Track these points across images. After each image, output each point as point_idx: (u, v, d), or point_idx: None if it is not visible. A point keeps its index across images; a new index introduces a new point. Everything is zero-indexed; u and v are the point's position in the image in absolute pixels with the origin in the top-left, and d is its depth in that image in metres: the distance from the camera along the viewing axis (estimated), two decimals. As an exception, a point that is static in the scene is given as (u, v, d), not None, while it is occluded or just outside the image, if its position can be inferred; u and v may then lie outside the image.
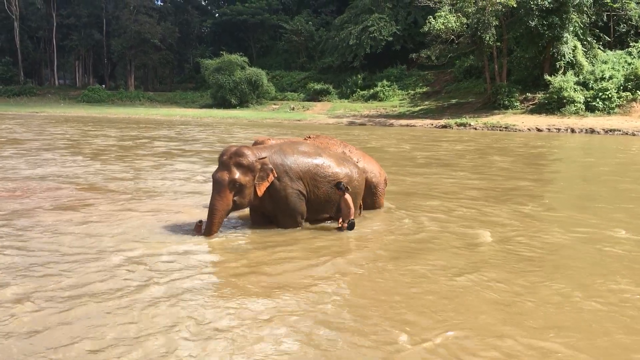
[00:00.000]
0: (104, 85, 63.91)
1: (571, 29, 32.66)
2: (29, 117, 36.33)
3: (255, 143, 7.54)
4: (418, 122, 33.70)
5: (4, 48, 65.67)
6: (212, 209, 6.05)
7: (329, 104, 45.20)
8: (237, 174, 6.06)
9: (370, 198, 7.49)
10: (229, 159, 6.13)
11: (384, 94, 44.19)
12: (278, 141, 7.24)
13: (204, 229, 6.09)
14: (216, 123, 33.88)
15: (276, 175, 6.25)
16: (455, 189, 9.74)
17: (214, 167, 11.50)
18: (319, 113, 41.22)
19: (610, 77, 31.87)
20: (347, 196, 6.43)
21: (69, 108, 46.83)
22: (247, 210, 6.86)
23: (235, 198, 6.09)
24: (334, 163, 6.72)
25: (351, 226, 6.40)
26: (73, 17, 62.49)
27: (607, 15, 35.50)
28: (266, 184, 6.19)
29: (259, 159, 6.18)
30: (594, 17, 34.53)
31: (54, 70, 65.72)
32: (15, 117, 36.57)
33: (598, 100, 30.88)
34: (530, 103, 33.71)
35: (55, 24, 62.04)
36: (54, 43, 62.56)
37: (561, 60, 32.91)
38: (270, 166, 6.19)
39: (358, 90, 46.39)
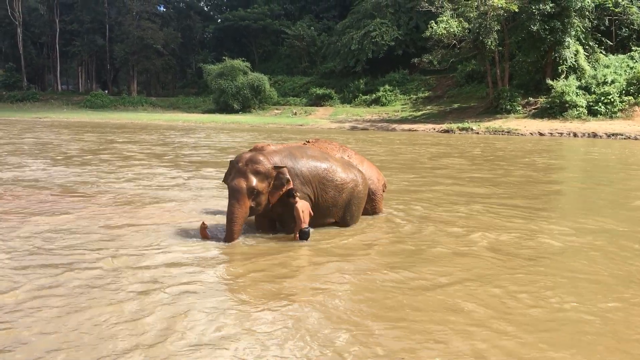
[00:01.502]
0: (106, 91, 64.07)
1: (573, 33, 32.72)
2: (15, 123, 36.26)
3: (255, 147, 7.55)
4: (420, 126, 33.74)
5: (7, 54, 65.95)
6: (231, 217, 5.99)
7: (331, 108, 45.28)
8: (255, 181, 6.01)
9: (369, 204, 7.43)
10: (245, 166, 6.07)
11: (386, 98, 44.26)
12: (278, 146, 7.28)
13: (225, 236, 6.04)
14: (218, 128, 33.94)
15: (291, 186, 6.23)
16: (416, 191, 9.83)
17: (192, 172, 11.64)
18: (321, 118, 41.28)
19: (613, 82, 31.91)
20: (299, 205, 6.19)
21: (72, 114, 46.95)
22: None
23: (252, 204, 6.06)
24: (341, 168, 6.75)
25: (304, 235, 6.14)
26: (76, 23, 62.71)
27: (609, 19, 35.55)
28: (280, 193, 6.16)
29: (275, 166, 6.17)
30: (595, 21, 34.59)
31: (57, 75, 65.87)
32: (5, 123, 36.61)
33: (600, 104, 30.92)
34: (533, 107, 33.75)
35: (58, 30, 62.25)
36: (57, 49, 62.74)
37: (563, 64, 32.96)
38: (287, 176, 6.16)
39: (360, 95, 46.47)
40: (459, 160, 15.78)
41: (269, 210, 6.34)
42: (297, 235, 6.18)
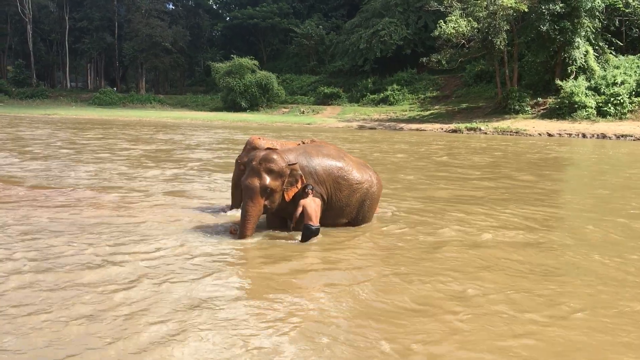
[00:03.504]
0: (115, 88, 64.32)
1: (583, 33, 32.51)
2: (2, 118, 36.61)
3: (248, 143, 7.49)
4: (428, 126, 33.67)
5: (17, 51, 66.32)
6: (245, 214, 6.08)
7: (339, 107, 45.25)
8: (268, 180, 6.07)
9: None
10: (258, 165, 6.12)
11: (394, 98, 44.19)
12: (271, 141, 7.29)
13: (238, 232, 6.15)
14: (225, 126, 34.00)
15: (305, 181, 6.28)
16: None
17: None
18: (329, 117, 41.24)
19: (622, 82, 31.70)
20: (303, 200, 6.16)
21: (80, 110, 47.16)
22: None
23: (265, 202, 6.12)
24: (356, 168, 6.74)
25: (308, 231, 6.08)
26: (85, 20, 62.98)
27: (619, 20, 35.34)
28: (295, 190, 6.23)
29: (289, 164, 6.20)
30: (605, 21, 34.38)
31: (66, 72, 66.22)
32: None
33: (610, 105, 30.74)
34: (541, 108, 33.60)
35: (67, 27, 62.56)
36: (67, 46, 63.06)
37: (573, 65, 32.78)
38: (300, 172, 6.21)
39: (368, 94, 46.41)
40: (403, 156, 16.29)
41: (282, 209, 6.38)
42: (302, 232, 6.18)
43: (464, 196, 9.48)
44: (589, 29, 32.85)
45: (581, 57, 32.64)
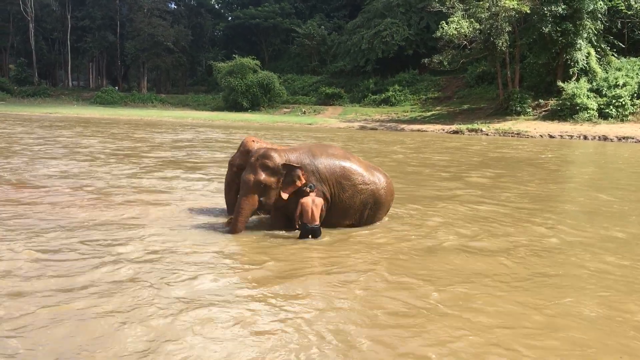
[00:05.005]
0: (117, 87, 64.31)
1: (585, 35, 32.45)
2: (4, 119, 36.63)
3: (242, 145, 7.46)
4: (429, 127, 33.65)
5: (19, 49, 66.29)
6: (238, 209, 6.17)
7: (341, 108, 45.24)
8: (263, 176, 6.14)
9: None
10: (256, 161, 6.21)
11: (395, 98, 44.18)
12: (265, 143, 7.30)
13: (230, 228, 6.21)
14: (227, 126, 34.00)
15: (304, 182, 6.25)
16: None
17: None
18: (330, 117, 41.23)
19: (624, 85, 31.66)
20: (304, 199, 6.10)
21: (82, 109, 47.13)
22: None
23: (261, 199, 6.17)
24: (362, 168, 6.70)
25: (304, 230, 6.08)
26: (87, 19, 63.03)
27: (621, 22, 35.27)
28: (291, 189, 6.20)
29: (286, 163, 6.23)
30: (608, 23, 34.29)
31: (68, 71, 66.21)
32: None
33: (611, 107, 30.70)
34: (543, 109, 33.56)
35: (69, 26, 62.58)
36: (69, 45, 63.07)
37: (574, 66, 32.73)
38: (299, 173, 6.22)
39: (369, 94, 46.41)
40: (362, 155, 16.55)
41: (283, 206, 6.39)
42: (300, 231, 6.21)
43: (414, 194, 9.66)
44: (591, 31, 32.79)
45: (583, 59, 32.60)
